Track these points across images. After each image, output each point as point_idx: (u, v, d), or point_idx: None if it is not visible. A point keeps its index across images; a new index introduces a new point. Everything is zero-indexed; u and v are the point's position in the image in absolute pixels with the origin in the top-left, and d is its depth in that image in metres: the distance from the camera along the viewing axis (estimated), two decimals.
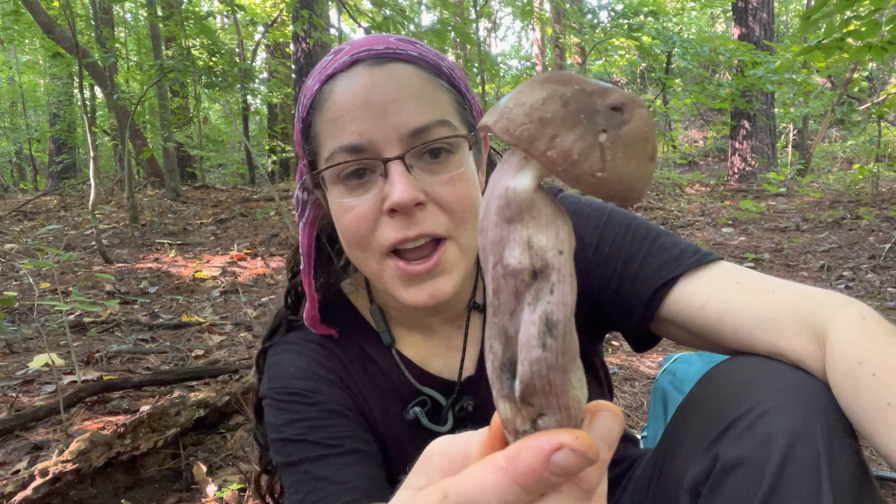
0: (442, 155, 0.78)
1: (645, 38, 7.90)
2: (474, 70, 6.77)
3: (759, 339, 0.74)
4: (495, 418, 0.32)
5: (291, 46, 9.63)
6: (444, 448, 0.34)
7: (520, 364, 0.29)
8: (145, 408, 1.83)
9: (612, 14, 9.17)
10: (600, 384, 1.03)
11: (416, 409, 0.91)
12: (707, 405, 0.73)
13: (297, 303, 0.98)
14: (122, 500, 1.62)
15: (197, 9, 7.20)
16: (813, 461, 0.62)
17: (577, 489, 0.29)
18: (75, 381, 2.30)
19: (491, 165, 0.95)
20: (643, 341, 0.89)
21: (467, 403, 0.93)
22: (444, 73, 0.82)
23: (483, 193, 0.31)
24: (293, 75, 9.64)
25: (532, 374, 0.28)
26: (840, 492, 0.61)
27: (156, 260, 5.25)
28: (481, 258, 0.30)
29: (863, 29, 3.12)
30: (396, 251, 0.79)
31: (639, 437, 1.71)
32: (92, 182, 5.18)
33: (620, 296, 0.86)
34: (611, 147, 0.27)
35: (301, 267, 0.91)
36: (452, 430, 0.91)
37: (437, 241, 0.79)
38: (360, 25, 6.09)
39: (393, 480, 0.88)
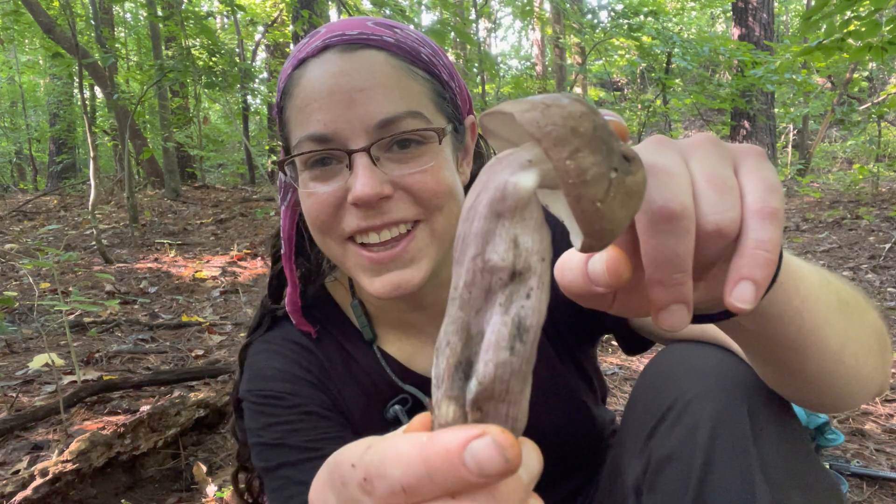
0: (411, 146, 0.74)
1: (645, 38, 7.89)
2: (474, 70, 6.77)
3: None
4: (421, 417, 0.30)
5: (291, 46, 9.63)
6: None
7: (482, 365, 0.28)
8: (145, 408, 1.83)
9: (612, 14, 9.16)
10: (593, 391, 1.00)
11: (397, 407, 0.89)
12: (641, 401, 0.73)
13: (280, 289, 0.95)
14: (122, 500, 1.62)
15: (197, 9, 7.20)
16: (740, 445, 0.61)
17: (491, 499, 0.26)
18: (75, 381, 2.30)
19: (478, 156, 0.92)
20: (633, 344, 0.88)
21: None
22: (421, 60, 0.78)
23: (463, 184, 0.30)
24: None
25: (495, 377, 0.27)
26: (773, 471, 0.60)
27: (156, 260, 5.25)
28: (458, 247, 0.29)
29: (863, 29, 3.12)
30: (362, 244, 0.76)
31: None
32: (92, 182, 5.18)
33: None
34: (616, 186, 0.29)
35: (282, 251, 0.89)
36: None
37: (406, 232, 0.76)
38: None
39: None
